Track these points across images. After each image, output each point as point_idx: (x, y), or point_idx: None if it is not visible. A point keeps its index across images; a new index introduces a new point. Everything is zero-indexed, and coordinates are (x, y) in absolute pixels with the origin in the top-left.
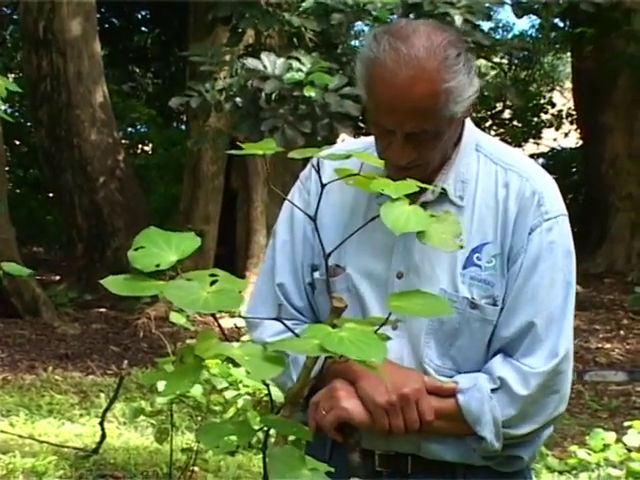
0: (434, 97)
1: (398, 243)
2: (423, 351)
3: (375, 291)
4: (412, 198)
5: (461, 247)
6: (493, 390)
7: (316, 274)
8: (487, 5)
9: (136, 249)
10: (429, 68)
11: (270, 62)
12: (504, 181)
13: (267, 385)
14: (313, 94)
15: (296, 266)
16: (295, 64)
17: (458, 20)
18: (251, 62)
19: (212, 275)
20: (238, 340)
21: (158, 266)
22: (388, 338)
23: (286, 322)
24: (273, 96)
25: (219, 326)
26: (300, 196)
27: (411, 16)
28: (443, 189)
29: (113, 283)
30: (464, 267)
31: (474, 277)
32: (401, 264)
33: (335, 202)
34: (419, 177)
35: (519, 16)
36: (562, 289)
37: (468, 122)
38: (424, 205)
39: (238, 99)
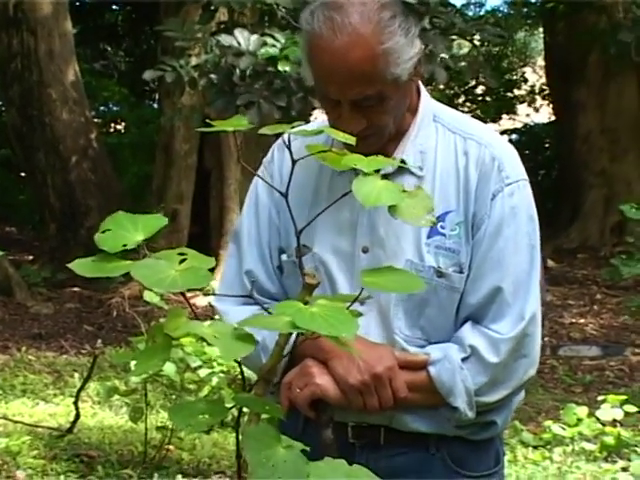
0: (372, 60)
1: (362, 218)
2: (392, 322)
3: (342, 267)
4: None
5: (433, 223)
6: (464, 359)
7: (283, 256)
8: None
9: (103, 232)
10: (364, 32)
11: (244, 38)
12: (463, 149)
13: (239, 363)
14: (288, 68)
15: (263, 251)
16: (269, 40)
17: None
18: (225, 39)
19: (181, 254)
20: (212, 318)
21: (125, 246)
22: (360, 314)
23: (255, 307)
24: (247, 72)
25: (189, 304)
26: (265, 180)
27: None
28: (402, 161)
29: (81, 266)
30: (428, 237)
31: (439, 246)
32: (366, 238)
33: (298, 181)
34: (377, 146)
35: None
36: (527, 253)
37: (424, 94)
38: (384, 178)
39: (213, 75)
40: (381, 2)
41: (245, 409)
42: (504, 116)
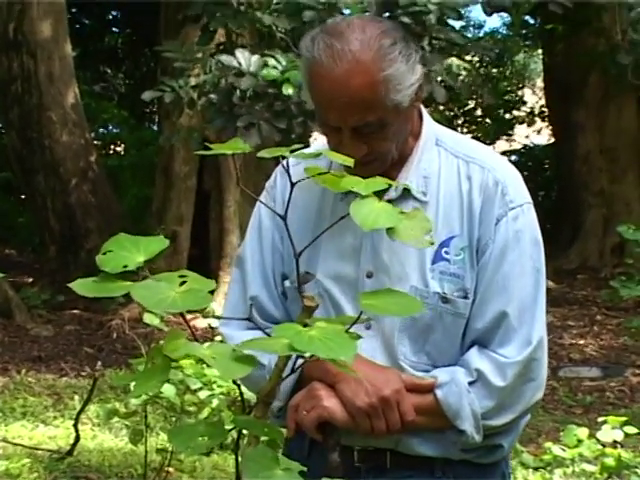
0: (372, 87)
1: (365, 243)
2: (397, 349)
3: (346, 293)
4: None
5: (431, 244)
6: (470, 383)
7: (286, 282)
8: (460, 1)
9: (104, 253)
10: (364, 59)
11: (245, 59)
12: (467, 174)
13: (239, 385)
14: (291, 91)
15: (267, 276)
16: (270, 61)
17: (433, 18)
18: (225, 59)
19: (181, 276)
20: (212, 340)
21: (126, 267)
22: (359, 337)
23: (259, 331)
24: (248, 93)
25: (188, 326)
26: (267, 204)
27: (386, 13)
28: (406, 186)
29: (82, 285)
30: (433, 262)
31: (444, 271)
32: (370, 264)
33: (301, 206)
34: (379, 171)
35: (488, 14)
36: (532, 277)
37: (427, 118)
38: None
39: (212, 95)
40: (382, 29)
41: (245, 431)
42: (503, 137)
